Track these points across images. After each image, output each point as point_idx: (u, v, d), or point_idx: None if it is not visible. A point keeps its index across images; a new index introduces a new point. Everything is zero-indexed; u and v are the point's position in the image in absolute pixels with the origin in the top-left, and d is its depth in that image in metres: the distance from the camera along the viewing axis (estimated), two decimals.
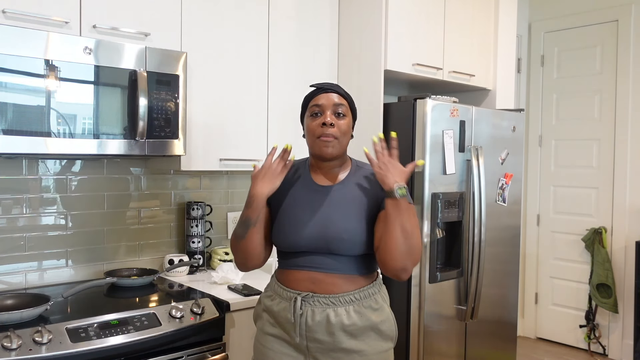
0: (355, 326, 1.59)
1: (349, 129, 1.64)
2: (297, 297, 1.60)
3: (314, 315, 1.58)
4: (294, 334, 1.60)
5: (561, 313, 4.27)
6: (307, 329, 1.59)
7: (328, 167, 1.67)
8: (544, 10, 4.34)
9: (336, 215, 1.60)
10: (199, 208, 2.58)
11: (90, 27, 2.01)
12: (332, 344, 1.59)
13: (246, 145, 2.50)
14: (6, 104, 1.75)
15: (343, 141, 1.61)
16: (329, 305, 1.59)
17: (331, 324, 1.58)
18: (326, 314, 1.58)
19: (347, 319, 1.59)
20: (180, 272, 2.47)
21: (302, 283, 1.62)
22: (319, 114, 1.61)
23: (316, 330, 1.59)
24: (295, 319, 1.59)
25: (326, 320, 1.58)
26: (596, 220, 4.05)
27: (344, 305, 1.60)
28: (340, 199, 1.62)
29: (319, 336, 1.59)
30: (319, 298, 1.59)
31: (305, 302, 1.59)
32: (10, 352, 1.58)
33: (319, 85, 1.65)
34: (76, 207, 2.34)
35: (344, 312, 1.59)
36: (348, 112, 1.63)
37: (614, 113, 3.97)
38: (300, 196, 1.66)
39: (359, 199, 1.63)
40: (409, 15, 2.76)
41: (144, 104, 2.00)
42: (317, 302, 1.59)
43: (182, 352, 1.91)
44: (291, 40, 2.65)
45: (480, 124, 2.80)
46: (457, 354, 2.77)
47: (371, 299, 1.63)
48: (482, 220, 2.71)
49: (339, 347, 1.59)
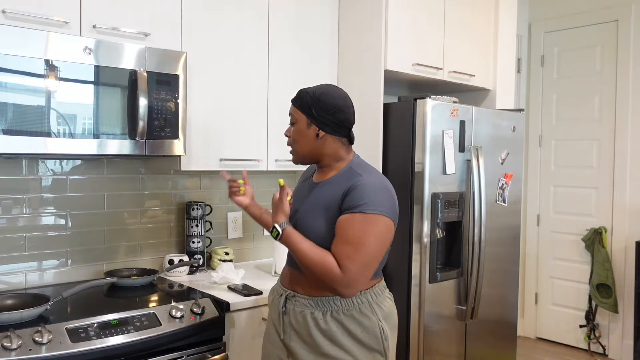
0: (332, 332, 1.57)
1: (301, 134, 1.67)
2: (283, 294, 1.68)
3: (295, 315, 1.63)
4: (280, 330, 1.68)
5: (561, 313, 4.26)
6: (290, 327, 1.65)
7: (320, 167, 1.74)
8: (544, 10, 4.33)
9: (307, 212, 1.65)
10: (199, 208, 2.58)
11: (90, 27, 2.00)
12: (313, 346, 1.60)
13: (246, 145, 2.50)
14: (6, 104, 1.75)
15: (297, 147, 1.69)
16: (307, 307, 1.61)
17: (309, 326, 1.59)
18: (304, 315, 1.61)
19: (323, 324, 1.58)
20: (180, 272, 2.47)
21: (287, 280, 1.72)
22: None
23: (298, 331, 1.62)
24: (280, 316, 1.67)
25: (304, 321, 1.61)
26: (596, 220, 4.05)
27: (321, 309, 1.59)
28: (316, 196, 1.66)
29: (302, 337, 1.62)
30: (299, 298, 1.62)
31: (289, 300, 1.66)
32: (10, 352, 1.58)
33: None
34: (76, 207, 2.34)
35: (320, 316, 1.59)
36: (299, 117, 1.67)
37: (614, 113, 3.97)
38: (302, 192, 1.75)
39: (326, 197, 1.62)
40: (409, 15, 2.76)
41: (144, 104, 2.00)
42: (297, 302, 1.63)
43: (182, 352, 1.91)
44: (291, 40, 2.65)
45: (480, 124, 2.80)
46: (457, 353, 2.77)
47: (354, 308, 1.59)
48: (482, 220, 2.71)
49: (321, 352, 1.59)
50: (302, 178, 1.85)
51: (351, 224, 1.52)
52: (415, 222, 2.58)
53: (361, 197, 1.53)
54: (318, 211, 1.62)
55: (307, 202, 1.67)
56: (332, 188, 1.63)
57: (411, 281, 2.60)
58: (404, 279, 2.62)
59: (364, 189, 1.54)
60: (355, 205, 1.53)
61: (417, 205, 2.57)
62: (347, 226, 1.52)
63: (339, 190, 1.59)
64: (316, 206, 1.63)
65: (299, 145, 1.68)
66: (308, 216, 1.63)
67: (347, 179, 1.61)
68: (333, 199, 1.59)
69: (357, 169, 1.65)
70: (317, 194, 1.66)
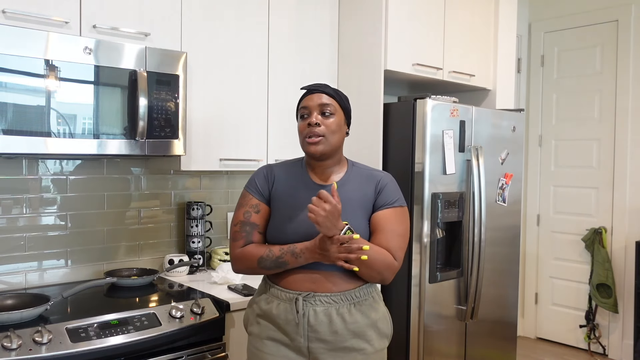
0: (357, 324, 1.61)
1: (339, 127, 1.65)
2: (299, 297, 1.59)
3: (316, 315, 1.59)
4: (297, 335, 1.60)
5: (561, 313, 4.26)
6: (309, 329, 1.59)
7: (324, 166, 1.68)
8: (544, 10, 4.33)
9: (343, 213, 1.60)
10: (199, 208, 2.58)
11: (90, 27, 2.01)
12: (334, 342, 1.59)
13: (246, 145, 2.50)
14: (6, 104, 1.75)
15: (332, 139, 1.63)
16: (331, 304, 1.59)
17: (334, 323, 1.59)
18: (328, 313, 1.59)
19: (349, 317, 1.60)
20: (180, 272, 2.47)
21: (302, 283, 1.62)
22: (307, 116, 1.64)
23: (319, 330, 1.59)
24: (299, 319, 1.58)
25: (329, 319, 1.59)
26: (596, 220, 4.05)
27: (345, 304, 1.61)
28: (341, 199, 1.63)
29: (322, 336, 1.59)
30: (320, 297, 1.59)
31: (306, 302, 1.59)
32: (10, 352, 1.58)
33: (307, 87, 1.68)
34: (76, 207, 2.34)
35: (346, 310, 1.60)
36: (337, 111, 1.65)
37: (614, 113, 3.97)
38: (298, 194, 1.67)
39: (358, 198, 1.66)
40: (409, 15, 2.76)
41: (144, 104, 2.00)
42: (318, 301, 1.59)
43: (182, 352, 1.91)
44: (291, 40, 2.65)
45: (480, 124, 2.80)
46: (457, 353, 2.77)
47: (369, 296, 1.66)
48: (482, 220, 2.71)
49: (342, 346, 1.60)
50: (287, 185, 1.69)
51: (399, 218, 1.67)
52: (415, 222, 2.58)
53: (395, 192, 1.69)
54: (354, 213, 1.63)
55: None
56: (357, 187, 1.68)
57: (411, 281, 2.60)
58: (404, 279, 2.62)
59: (393, 185, 1.71)
60: (394, 200, 1.68)
61: (417, 205, 2.57)
62: (395, 220, 1.66)
63: (367, 188, 1.68)
64: (348, 207, 1.63)
65: (335, 137, 1.64)
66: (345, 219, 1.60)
67: (367, 177, 1.70)
68: (367, 197, 1.67)
69: (360, 165, 1.75)
70: (343, 195, 1.64)
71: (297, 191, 1.68)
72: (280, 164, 1.77)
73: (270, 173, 1.72)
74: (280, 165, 1.76)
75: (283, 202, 1.67)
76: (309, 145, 1.62)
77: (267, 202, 1.70)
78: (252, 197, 1.70)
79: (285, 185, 1.70)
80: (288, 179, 1.71)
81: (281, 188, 1.69)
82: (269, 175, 1.72)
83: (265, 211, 1.70)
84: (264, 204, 1.70)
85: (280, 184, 1.70)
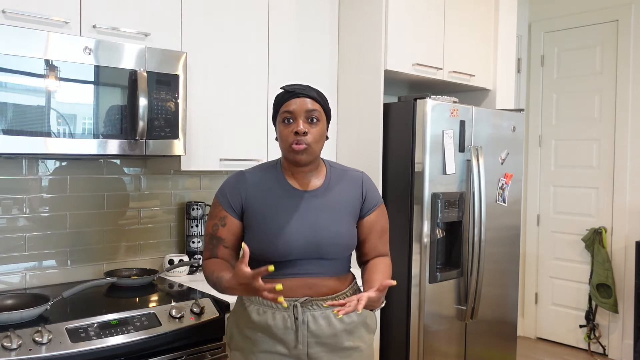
0: (353, 323, 1.62)
1: (323, 135, 1.58)
2: (296, 303, 1.56)
3: (315, 320, 1.58)
4: (296, 343, 1.57)
5: (561, 313, 4.26)
6: (309, 335, 1.58)
7: (304, 171, 1.61)
8: (544, 10, 4.33)
9: (325, 220, 1.59)
10: (199, 208, 2.58)
11: (90, 27, 2.01)
12: (334, 345, 1.59)
13: (246, 145, 2.50)
14: (6, 104, 1.75)
15: (316, 147, 1.55)
16: (329, 307, 1.59)
17: (333, 325, 1.59)
18: (326, 316, 1.59)
19: (346, 317, 1.61)
20: (180, 272, 2.47)
21: (297, 290, 1.58)
22: (291, 120, 1.53)
23: (319, 335, 1.58)
24: (298, 326, 1.56)
25: (327, 321, 1.58)
26: (596, 220, 4.05)
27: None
28: (326, 203, 1.61)
29: (322, 339, 1.59)
30: (317, 301, 1.59)
31: (303, 308, 1.57)
32: (10, 352, 1.58)
33: (289, 88, 1.56)
34: (76, 207, 2.34)
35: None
36: (322, 116, 1.56)
37: (614, 113, 3.97)
38: (281, 203, 1.59)
39: (344, 202, 1.64)
40: (409, 15, 2.76)
41: (144, 104, 2.00)
42: (315, 305, 1.59)
43: (182, 352, 1.91)
44: (291, 40, 2.65)
45: (480, 124, 2.80)
46: (457, 353, 2.77)
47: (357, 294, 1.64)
48: (482, 220, 2.71)
49: (341, 347, 1.60)
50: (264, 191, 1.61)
51: (383, 216, 1.72)
52: (415, 222, 2.58)
53: (376, 191, 1.72)
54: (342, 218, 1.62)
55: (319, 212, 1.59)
56: (342, 191, 1.65)
57: (411, 281, 2.60)
58: (404, 278, 2.62)
59: (372, 184, 1.72)
60: (378, 201, 1.71)
61: (417, 205, 2.57)
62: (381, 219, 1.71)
63: (352, 191, 1.67)
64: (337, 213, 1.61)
65: (319, 145, 1.57)
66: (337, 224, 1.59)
67: (348, 179, 1.68)
68: (353, 202, 1.66)
69: (335, 165, 1.73)
70: (325, 200, 1.61)
71: (278, 200, 1.59)
72: (254, 170, 1.66)
73: (243, 182, 1.61)
74: (254, 170, 1.65)
75: (262, 214, 1.58)
76: (295, 154, 1.53)
77: (239, 215, 1.61)
78: (221, 209, 1.61)
79: (262, 194, 1.60)
80: (264, 186, 1.61)
81: (259, 197, 1.60)
82: (241, 185, 1.61)
83: (233, 225, 1.61)
84: (233, 217, 1.61)
85: (256, 193, 1.60)
